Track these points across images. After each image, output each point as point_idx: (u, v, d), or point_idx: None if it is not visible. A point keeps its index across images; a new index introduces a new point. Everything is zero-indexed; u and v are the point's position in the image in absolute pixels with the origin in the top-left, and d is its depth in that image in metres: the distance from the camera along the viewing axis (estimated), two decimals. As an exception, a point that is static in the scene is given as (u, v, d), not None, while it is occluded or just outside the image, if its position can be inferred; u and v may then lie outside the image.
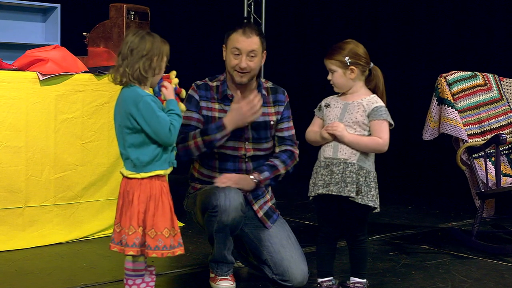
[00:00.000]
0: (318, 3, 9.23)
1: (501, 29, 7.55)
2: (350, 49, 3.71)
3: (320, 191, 3.67)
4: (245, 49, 3.95)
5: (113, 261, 4.46)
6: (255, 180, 4.01)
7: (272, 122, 4.12)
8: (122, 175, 3.36)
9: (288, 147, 4.17)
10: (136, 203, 3.28)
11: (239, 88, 4.05)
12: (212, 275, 4.02)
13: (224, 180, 3.91)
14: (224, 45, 4.05)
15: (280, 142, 4.18)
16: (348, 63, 3.69)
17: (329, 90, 3.85)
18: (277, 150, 4.18)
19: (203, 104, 4.05)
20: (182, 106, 3.44)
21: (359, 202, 3.62)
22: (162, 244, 3.28)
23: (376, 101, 3.72)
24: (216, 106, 4.06)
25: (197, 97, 4.06)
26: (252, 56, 3.96)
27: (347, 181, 3.61)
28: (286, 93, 4.23)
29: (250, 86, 4.09)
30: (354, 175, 3.62)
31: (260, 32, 4.03)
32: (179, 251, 3.35)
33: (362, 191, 3.62)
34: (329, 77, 3.77)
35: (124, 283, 3.40)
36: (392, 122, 3.71)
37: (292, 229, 4.27)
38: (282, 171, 4.09)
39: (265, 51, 4.07)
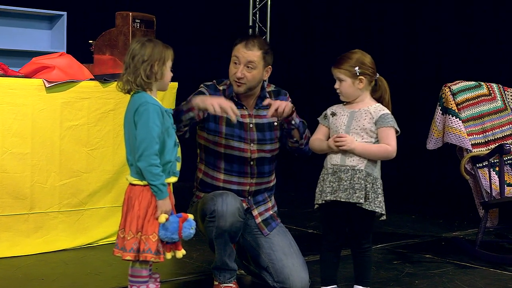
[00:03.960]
0: (324, 12, 9.25)
1: (506, 39, 7.56)
2: (357, 58, 3.73)
3: (328, 198, 3.67)
4: (243, 59, 3.98)
5: (118, 267, 4.47)
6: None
7: (275, 123, 4.14)
8: (127, 181, 3.39)
9: None
10: (136, 209, 3.31)
11: (242, 96, 4.08)
12: (215, 282, 4.03)
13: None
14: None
15: None
16: (358, 73, 3.71)
17: (335, 98, 3.86)
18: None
19: None
20: (162, 218, 3.32)
21: (367, 208, 3.62)
22: (148, 247, 3.29)
23: (383, 109, 3.74)
24: None
25: (207, 95, 4.06)
26: (249, 67, 3.98)
27: (356, 187, 3.63)
28: (287, 95, 4.26)
29: (254, 93, 4.12)
30: (362, 182, 3.63)
31: (264, 46, 4.02)
32: (160, 259, 3.34)
33: (369, 197, 3.63)
34: (336, 86, 3.78)
35: (129, 290, 3.41)
36: (399, 130, 3.74)
37: (296, 237, 4.28)
38: (308, 132, 4.07)
39: (269, 66, 4.08)
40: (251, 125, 4.10)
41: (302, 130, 4.05)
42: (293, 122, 4.00)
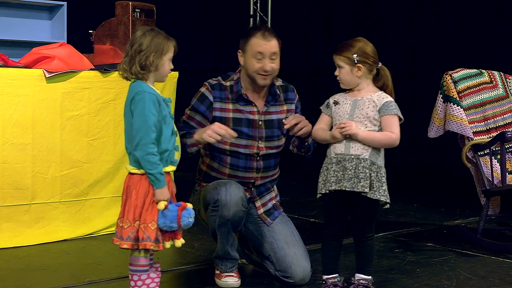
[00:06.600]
0: (325, 1, 9.23)
1: (507, 27, 7.54)
2: (359, 47, 3.72)
3: (333, 188, 3.65)
4: (268, 52, 3.97)
5: (119, 257, 4.47)
6: None
7: (284, 120, 4.13)
8: (127, 170, 3.38)
9: None
10: (134, 198, 3.30)
11: (256, 89, 4.06)
12: (217, 271, 4.04)
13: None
14: (240, 51, 4.04)
15: None
16: (356, 61, 3.69)
17: (335, 87, 3.86)
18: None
19: (217, 105, 4.03)
20: (161, 205, 3.31)
21: (372, 197, 3.61)
22: (147, 235, 3.29)
23: (386, 96, 3.73)
24: (230, 106, 4.05)
25: (211, 98, 4.04)
26: (273, 59, 3.99)
27: (360, 176, 3.61)
28: (295, 91, 4.26)
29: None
30: (367, 171, 3.62)
31: (276, 34, 4.04)
32: (159, 247, 3.34)
33: (374, 186, 3.63)
34: (336, 73, 3.78)
35: (130, 279, 3.41)
36: (402, 117, 3.73)
37: (297, 226, 4.28)
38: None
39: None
40: (260, 122, 4.09)
41: (312, 150, 4.13)
42: (305, 144, 4.06)
